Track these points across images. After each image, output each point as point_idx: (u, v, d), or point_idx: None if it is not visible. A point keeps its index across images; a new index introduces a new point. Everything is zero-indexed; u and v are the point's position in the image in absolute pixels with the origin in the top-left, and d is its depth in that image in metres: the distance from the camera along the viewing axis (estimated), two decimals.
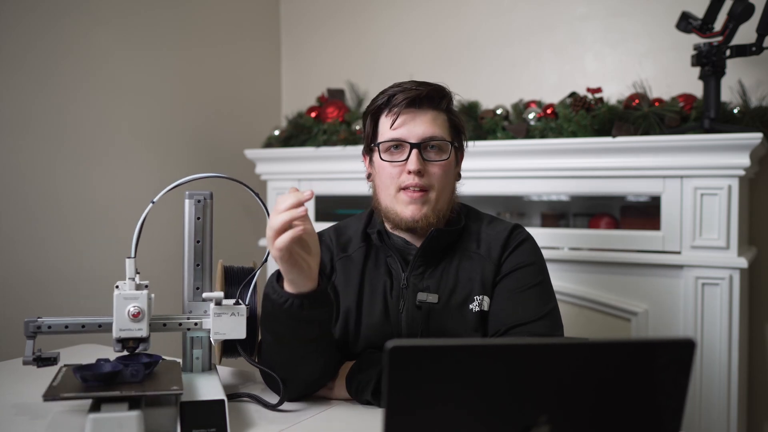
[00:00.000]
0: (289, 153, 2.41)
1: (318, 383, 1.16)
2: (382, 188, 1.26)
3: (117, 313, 1.01)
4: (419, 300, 1.22)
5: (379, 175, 1.27)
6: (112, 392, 0.93)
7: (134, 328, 1.01)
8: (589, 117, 1.94)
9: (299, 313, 1.05)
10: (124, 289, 1.02)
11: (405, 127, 1.22)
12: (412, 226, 1.23)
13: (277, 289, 1.05)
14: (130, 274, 1.03)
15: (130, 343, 1.02)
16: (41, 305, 1.95)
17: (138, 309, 1.01)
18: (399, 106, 1.22)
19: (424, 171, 1.21)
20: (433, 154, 1.23)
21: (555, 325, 1.22)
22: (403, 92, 1.23)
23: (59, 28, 2.06)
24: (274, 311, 1.06)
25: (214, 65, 2.62)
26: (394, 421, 0.62)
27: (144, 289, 1.04)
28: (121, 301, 1.01)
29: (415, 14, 2.67)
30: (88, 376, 0.95)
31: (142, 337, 1.02)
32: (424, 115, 1.23)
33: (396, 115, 1.22)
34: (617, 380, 0.67)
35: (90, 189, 2.15)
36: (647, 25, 2.26)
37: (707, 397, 1.81)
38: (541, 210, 2.27)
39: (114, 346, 1.02)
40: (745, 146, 1.74)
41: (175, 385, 0.97)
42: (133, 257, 1.03)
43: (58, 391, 0.94)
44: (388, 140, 1.23)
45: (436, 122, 1.23)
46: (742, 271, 1.81)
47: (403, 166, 1.22)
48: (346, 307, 1.26)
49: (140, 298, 1.01)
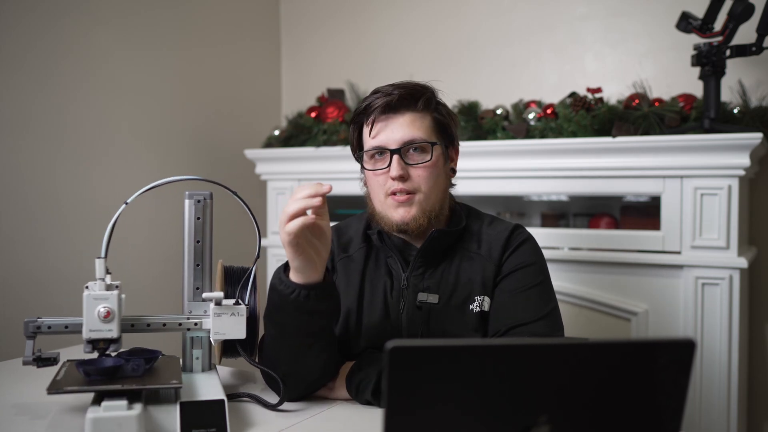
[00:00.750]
0: (289, 153, 2.41)
1: (318, 382, 1.16)
2: (372, 195, 1.28)
3: (87, 314, 0.99)
4: (419, 300, 1.22)
5: (368, 183, 1.29)
6: (114, 386, 0.95)
7: (104, 329, 0.99)
8: (589, 117, 1.94)
9: (305, 303, 1.06)
10: (94, 289, 1.01)
11: (383, 133, 1.23)
12: (403, 229, 1.24)
13: (284, 279, 1.07)
14: (100, 275, 1.01)
15: (101, 344, 1.00)
16: (41, 305, 1.95)
17: (108, 309, 0.99)
18: (375, 113, 1.23)
19: (407, 175, 1.21)
20: (415, 156, 1.23)
21: (555, 325, 1.22)
22: (379, 98, 1.23)
23: (59, 28, 2.06)
24: (281, 302, 1.07)
25: (214, 65, 2.62)
26: (394, 421, 0.62)
27: (115, 289, 1.02)
28: (90, 301, 0.99)
29: (415, 14, 2.67)
30: (90, 371, 0.98)
31: (112, 338, 1.00)
32: (401, 118, 1.23)
33: (373, 123, 1.24)
34: (617, 380, 0.67)
35: (90, 189, 2.15)
36: (647, 25, 2.26)
37: (707, 397, 1.81)
38: (541, 210, 2.27)
39: (84, 348, 1.01)
40: (745, 146, 1.74)
41: (174, 379, 0.99)
42: (103, 257, 1.02)
43: (62, 384, 0.96)
44: (369, 149, 1.24)
45: (414, 124, 1.23)
46: (742, 271, 1.81)
47: (387, 172, 1.22)
48: (346, 308, 1.26)
49: (110, 298, 1.00)
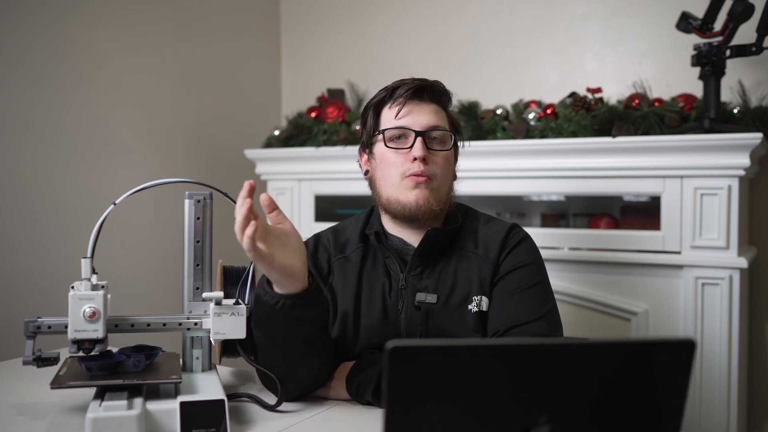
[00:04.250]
0: (289, 153, 2.41)
1: (315, 384, 1.16)
2: (384, 178, 1.26)
3: (72, 314, 0.99)
4: (418, 300, 1.22)
5: (381, 166, 1.27)
6: (115, 381, 0.98)
7: (90, 329, 0.99)
8: (589, 117, 1.94)
9: (291, 313, 1.04)
10: (80, 289, 1.00)
11: (410, 116, 1.24)
12: (415, 213, 1.22)
13: (267, 290, 1.05)
14: (86, 275, 1.01)
15: (86, 344, 1.00)
16: (41, 305, 1.95)
17: (93, 309, 0.99)
18: (404, 97, 1.25)
19: (428, 159, 1.22)
20: (436, 144, 1.25)
21: (554, 325, 1.22)
22: (405, 84, 1.26)
23: (59, 28, 2.06)
24: (266, 313, 1.06)
25: (214, 65, 2.62)
26: (394, 421, 0.62)
27: (101, 289, 1.02)
28: (76, 301, 0.99)
29: (415, 14, 2.67)
30: (92, 366, 1.01)
31: (98, 338, 1.00)
32: (428, 106, 1.26)
33: (401, 105, 1.25)
34: (617, 380, 0.67)
35: (90, 189, 2.14)
36: (647, 25, 2.26)
37: (707, 397, 1.81)
38: (541, 210, 2.27)
39: (69, 348, 1.01)
40: (745, 146, 1.74)
41: (174, 374, 1.02)
42: (89, 257, 1.02)
43: (65, 379, 0.98)
44: (393, 128, 1.25)
45: (438, 114, 1.27)
46: (742, 271, 1.81)
47: (408, 153, 1.23)
48: (344, 309, 1.26)
49: (96, 298, 0.99)
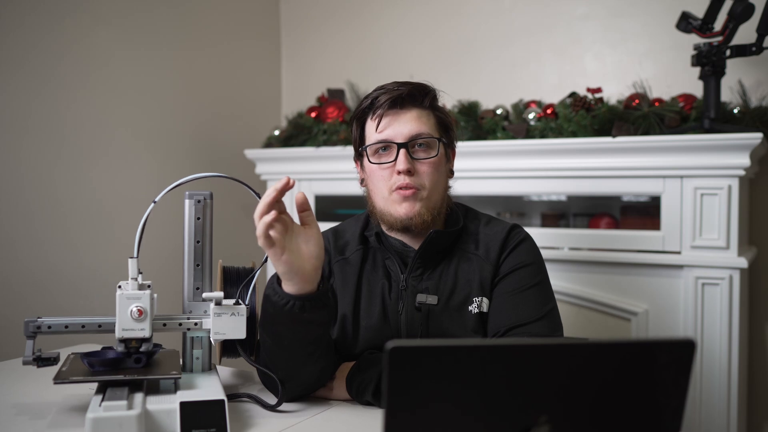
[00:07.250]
0: (289, 153, 2.41)
1: (316, 385, 1.16)
2: (375, 191, 1.26)
3: (120, 313, 1.01)
4: (418, 301, 1.22)
5: (370, 179, 1.27)
6: (117, 376, 1.00)
7: (137, 328, 1.02)
8: (589, 117, 1.94)
9: (300, 315, 1.04)
10: (127, 289, 1.03)
11: (390, 127, 1.22)
12: (407, 225, 1.22)
13: (278, 290, 1.05)
14: (133, 274, 1.03)
15: (133, 342, 1.03)
16: (41, 305, 1.95)
17: (140, 308, 1.01)
18: (382, 108, 1.23)
19: (413, 170, 1.21)
20: (421, 152, 1.23)
21: (554, 325, 1.22)
22: (385, 93, 1.23)
23: (59, 28, 2.06)
24: (275, 313, 1.06)
25: (214, 65, 2.62)
26: (394, 421, 0.62)
27: (147, 289, 1.04)
28: (123, 301, 1.01)
29: (415, 14, 2.67)
30: (94, 362, 1.03)
31: (144, 337, 1.03)
32: (408, 113, 1.23)
33: (380, 117, 1.23)
34: (617, 380, 0.67)
35: (90, 189, 2.15)
36: (647, 25, 2.26)
37: (707, 397, 1.81)
38: (541, 210, 2.27)
39: (116, 346, 1.04)
40: (745, 146, 1.74)
41: (174, 371, 1.03)
42: (135, 257, 1.04)
43: (67, 375, 1.00)
44: (375, 142, 1.24)
45: (421, 120, 1.23)
46: (742, 271, 1.81)
47: (393, 167, 1.22)
48: (343, 310, 1.26)
49: (143, 298, 1.02)
